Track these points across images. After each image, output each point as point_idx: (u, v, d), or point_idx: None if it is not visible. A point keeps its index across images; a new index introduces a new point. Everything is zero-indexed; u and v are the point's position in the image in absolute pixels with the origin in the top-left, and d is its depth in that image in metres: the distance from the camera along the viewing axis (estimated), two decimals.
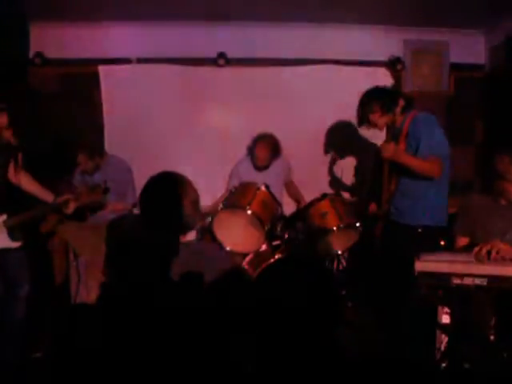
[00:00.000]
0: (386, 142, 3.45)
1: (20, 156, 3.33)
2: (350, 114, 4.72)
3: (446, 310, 2.75)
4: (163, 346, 2.05)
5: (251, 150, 4.51)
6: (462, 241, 3.09)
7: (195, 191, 2.24)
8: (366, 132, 4.02)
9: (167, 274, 2.13)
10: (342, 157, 4.89)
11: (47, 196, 3.43)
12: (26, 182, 3.39)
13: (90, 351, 2.88)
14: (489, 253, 2.67)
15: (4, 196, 3.19)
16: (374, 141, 4.28)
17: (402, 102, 3.48)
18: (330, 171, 4.90)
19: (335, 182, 4.87)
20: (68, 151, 4.16)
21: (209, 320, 2.09)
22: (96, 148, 4.27)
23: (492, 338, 2.60)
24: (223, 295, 2.18)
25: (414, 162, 3.32)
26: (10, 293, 3.23)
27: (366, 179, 4.60)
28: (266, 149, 4.39)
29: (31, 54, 4.78)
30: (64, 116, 4.72)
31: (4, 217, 3.10)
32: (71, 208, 3.45)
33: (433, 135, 3.32)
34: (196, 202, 2.24)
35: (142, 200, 2.26)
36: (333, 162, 4.88)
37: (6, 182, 3.25)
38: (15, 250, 3.18)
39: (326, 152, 4.95)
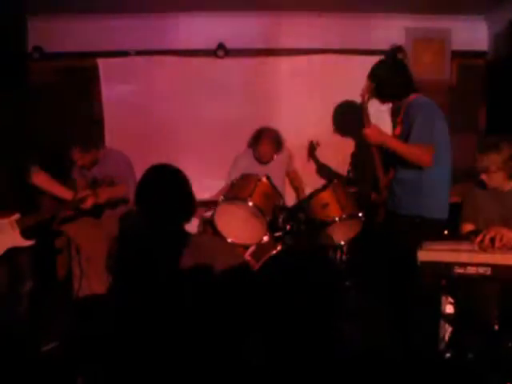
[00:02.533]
0: (366, 126, 3.35)
1: (37, 156, 3.33)
2: (351, 103, 4.75)
3: (450, 299, 2.73)
4: (171, 337, 2.05)
5: (254, 145, 4.46)
6: (467, 227, 3.07)
7: (187, 181, 2.27)
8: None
9: (174, 266, 2.13)
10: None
11: (66, 194, 3.44)
12: (46, 182, 3.39)
13: (98, 344, 2.90)
14: (492, 240, 2.65)
15: (17, 195, 3.18)
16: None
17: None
18: (313, 157, 4.86)
19: (321, 168, 4.86)
20: (66, 146, 4.14)
21: (216, 314, 2.09)
22: (90, 140, 4.20)
23: (496, 327, 2.58)
24: (227, 288, 2.16)
25: (400, 148, 3.17)
26: (14, 288, 3.24)
27: (367, 168, 4.57)
28: (269, 145, 4.36)
29: (30, 48, 4.77)
30: (64, 109, 4.72)
31: (17, 216, 3.10)
32: (89, 203, 3.47)
33: (426, 121, 3.12)
34: (189, 192, 2.26)
35: (138, 193, 2.28)
36: (312, 149, 4.81)
37: (20, 182, 3.24)
38: (25, 247, 3.17)
39: (328, 141, 4.90)
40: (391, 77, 3.33)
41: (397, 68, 3.40)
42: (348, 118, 4.83)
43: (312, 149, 4.80)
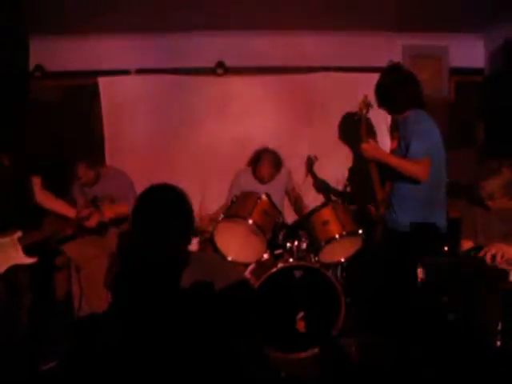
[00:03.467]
0: (363, 141, 3.36)
1: (40, 173, 3.34)
2: (351, 120, 4.77)
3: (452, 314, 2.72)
4: (171, 355, 2.05)
5: (254, 166, 4.49)
6: (467, 244, 3.08)
7: (189, 201, 2.26)
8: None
9: (175, 284, 2.13)
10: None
11: (70, 212, 3.43)
12: (49, 200, 3.39)
13: (99, 363, 2.89)
14: (494, 257, 2.66)
15: (19, 213, 3.17)
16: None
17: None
18: (311, 172, 4.85)
19: (319, 184, 4.85)
20: (67, 164, 4.15)
21: (216, 329, 2.09)
22: (96, 157, 4.26)
23: (498, 343, 2.57)
24: (228, 305, 2.16)
25: (396, 162, 3.20)
26: (13, 305, 3.22)
27: (364, 182, 4.58)
28: (269, 166, 4.39)
29: (31, 66, 4.79)
30: (65, 128, 4.74)
31: (19, 233, 3.09)
32: (94, 221, 3.47)
33: (423, 136, 3.14)
34: (190, 211, 2.26)
35: (136, 213, 2.24)
36: (310, 164, 4.80)
37: (22, 200, 3.23)
38: (25, 265, 3.16)
39: (327, 159, 4.91)
40: (394, 89, 3.34)
41: (401, 80, 3.38)
42: (346, 134, 4.87)
43: (310, 164, 4.80)
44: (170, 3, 4.04)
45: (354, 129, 4.64)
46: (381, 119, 4.35)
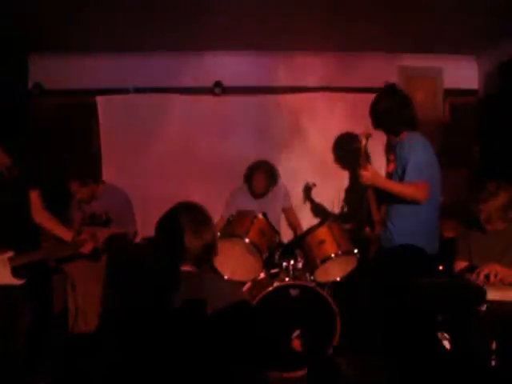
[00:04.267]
0: (362, 168, 3.38)
1: (39, 193, 3.32)
2: (347, 140, 4.82)
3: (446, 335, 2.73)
4: (164, 373, 2.05)
5: (248, 179, 4.52)
6: (461, 264, 3.09)
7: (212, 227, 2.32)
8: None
9: (168, 302, 2.13)
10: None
11: (66, 235, 3.40)
12: (47, 221, 3.37)
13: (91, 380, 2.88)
14: (487, 277, 2.69)
15: (13, 233, 3.16)
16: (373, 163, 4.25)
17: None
18: (309, 199, 4.90)
19: (317, 208, 4.89)
20: (64, 181, 4.16)
21: (210, 349, 2.08)
22: (88, 175, 4.24)
23: (493, 363, 2.58)
24: (225, 324, 2.16)
25: (394, 188, 3.25)
26: (10, 325, 3.20)
27: (362, 204, 4.61)
28: (263, 177, 4.42)
29: (30, 84, 4.84)
30: (62, 146, 4.75)
31: (10, 253, 3.08)
32: (88, 249, 3.45)
33: (420, 159, 3.18)
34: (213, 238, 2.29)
35: (163, 227, 2.27)
36: (308, 191, 4.86)
37: (17, 219, 3.22)
38: (17, 286, 3.14)
39: (324, 178, 4.95)
40: (393, 110, 3.37)
41: (400, 102, 3.42)
42: (343, 154, 4.92)
43: (308, 190, 4.85)
44: (169, 23, 4.09)
45: (350, 149, 4.73)
46: (377, 141, 4.38)
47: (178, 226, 2.22)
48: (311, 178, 4.87)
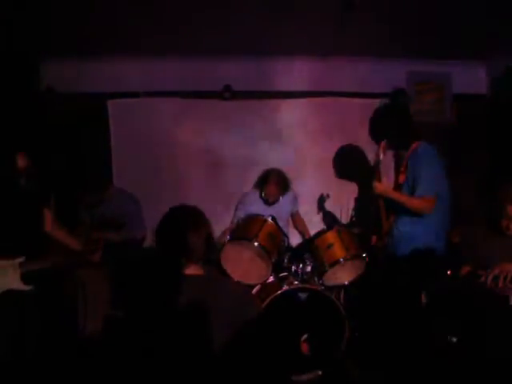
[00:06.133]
0: (375, 179, 3.49)
1: (51, 203, 3.36)
2: (355, 146, 4.84)
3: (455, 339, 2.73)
4: (169, 376, 2.07)
5: (261, 186, 4.54)
6: (464, 269, 3.10)
7: (209, 224, 2.33)
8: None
9: (173, 305, 2.15)
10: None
11: (75, 244, 3.45)
12: (57, 232, 3.40)
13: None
14: (495, 279, 2.69)
15: (25, 239, 3.19)
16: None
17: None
18: (322, 209, 4.93)
19: (328, 218, 4.91)
20: (74, 185, 4.20)
21: (215, 352, 2.11)
22: (97, 180, 4.29)
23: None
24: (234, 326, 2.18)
25: (404, 200, 3.38)
26: (20, 329, 3.23)
27: (370, 211, 4.63)
28: (276, 186, 4.44)
29: (42, 89, 4.88)
30: (73, 149, 4.78)
31: (21, 259, 3.11)
32: (97, 257, 3.50)
33: (431, 172, 3.31)
34: (210, 233, 2.31)
35: (160, 231, 2.31)
36: (322, 202, 4.89)
37: (29, 226, 3.26)
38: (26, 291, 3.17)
39: (331, 183, 4.98)
40: (393, 128, 3.47)
41: (398, 118, 3.53)
42: (349, 160, 4.95)
43: (322, 201, 4.87)
44: (180, 28, 4.12)
45: (356, 155, 4.75)
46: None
47: (179, 226, 2.26)
48: (318, 182, 4.93)
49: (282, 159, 4.88)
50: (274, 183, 4.43)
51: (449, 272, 3.33)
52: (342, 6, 3.64)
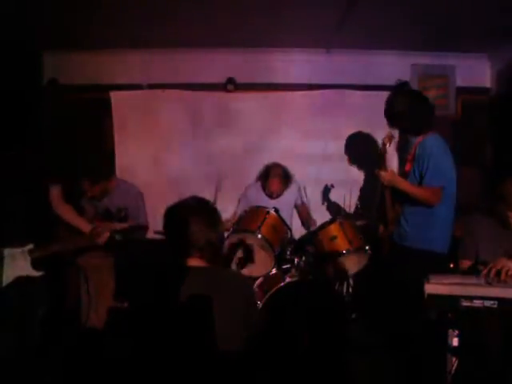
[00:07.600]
0: (382, 169, 3.48)
1: (61, 186, 3.36)
2: (360, 138, 4.83)
3: (457, 332, 2.73)
4: (172, 369, 2.07)
5: (263, 181, 4.53)
6: (465, 263, 3.10)
7: (214, 213, 2.33)
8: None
9: (175, 297, 2.14)
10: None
11: (85, 226, 3.44)
12: (67, 214, 3.41)
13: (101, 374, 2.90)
14: (498, 274, 2.68)
15: (34, 225, 3.21)
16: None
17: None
18: (327, 200, 4.92)
19: (333, 209, 4.89)
20: (76, 176, 4.20)
21: (218, 343, 2.10)
22: (100, 173, 4.30)
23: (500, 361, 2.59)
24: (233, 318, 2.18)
25: (411, 190, 3.35)
26: (28, 314, 3.24)
27: (375, 202, 4.62)
28: (278, 182, 4.44)
29: (45, 80, 4.88)
30: (76, 141, 4.77)
31: (30, 246, 3.13)
32: (104, 239, 3.47)
33: (439, 163, 3.28)
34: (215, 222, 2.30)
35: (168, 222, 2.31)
36: (327, 192, 4.88)
37: (36, 211, 3.26)
38: (36, 277, 3.19)
39: (337, 174, 4.97)
40: (411, 112, 3.40)
41: (417, 102, 3.45)
42: (355, 151, 4.94)
43: (327, 192, 4.87)
44: (183, 20, 4.10)
45: (364, 146, 4.74)
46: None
47: (183, 217, 2.24)
48: (323, 173, 4.93)
49: (286, 151, 4.89)
50: (276, 179, 4.43)
51: (451, 265, 3.34)
52: None
